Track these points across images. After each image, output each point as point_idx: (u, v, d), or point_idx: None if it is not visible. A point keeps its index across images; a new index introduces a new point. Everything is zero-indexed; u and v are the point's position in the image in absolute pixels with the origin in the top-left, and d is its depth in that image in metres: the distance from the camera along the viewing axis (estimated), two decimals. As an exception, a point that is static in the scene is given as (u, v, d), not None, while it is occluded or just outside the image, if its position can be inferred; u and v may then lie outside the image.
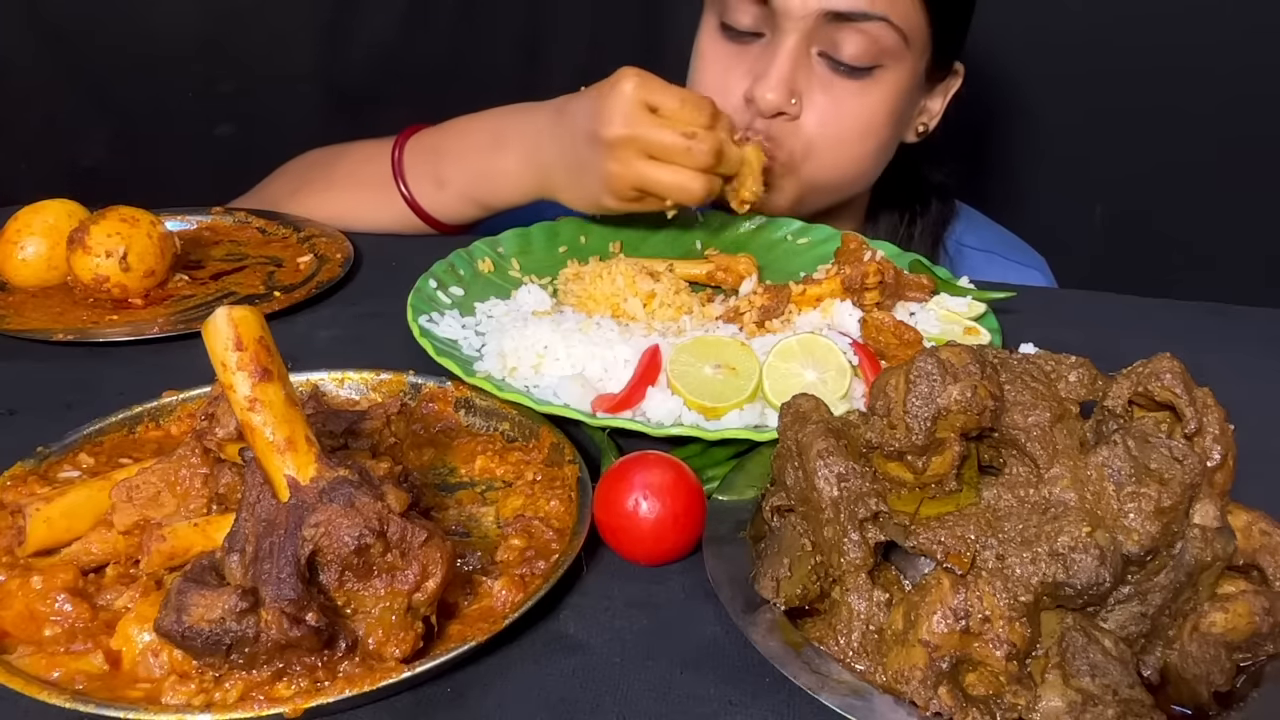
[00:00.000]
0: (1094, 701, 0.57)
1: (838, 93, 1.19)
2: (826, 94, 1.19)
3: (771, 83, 1.16)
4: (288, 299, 1.12)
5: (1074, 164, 1.81)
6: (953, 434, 0.65)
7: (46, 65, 1.71)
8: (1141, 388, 0.69)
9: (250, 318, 0.64)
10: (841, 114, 1.20)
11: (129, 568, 0.71)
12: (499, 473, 0.83)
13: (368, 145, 1.33)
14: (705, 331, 0.99)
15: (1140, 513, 0.60)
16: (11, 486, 0.77)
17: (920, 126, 1.33)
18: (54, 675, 0.62)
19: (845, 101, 1.20)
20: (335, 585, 0.63)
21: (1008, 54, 1.66)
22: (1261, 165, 1.71)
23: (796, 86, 1.18)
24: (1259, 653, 0.63)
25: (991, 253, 1.41)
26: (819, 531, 0.66)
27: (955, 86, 1.33)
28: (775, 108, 1.17)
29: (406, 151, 1.28)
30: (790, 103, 1.18)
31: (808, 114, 1.19)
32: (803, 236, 1.25)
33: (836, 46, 1.17)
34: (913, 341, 0.95)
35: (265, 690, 0.60)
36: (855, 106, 1.20)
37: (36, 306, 1.10)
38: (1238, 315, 1.17)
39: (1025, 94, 1.76)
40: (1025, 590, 0.60)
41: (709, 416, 0.88)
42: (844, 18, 1.15)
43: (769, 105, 1.17)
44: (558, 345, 0.94)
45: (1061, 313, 1.16)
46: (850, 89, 1.19)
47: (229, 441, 0.73)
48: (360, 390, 0.92)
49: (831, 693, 0.60)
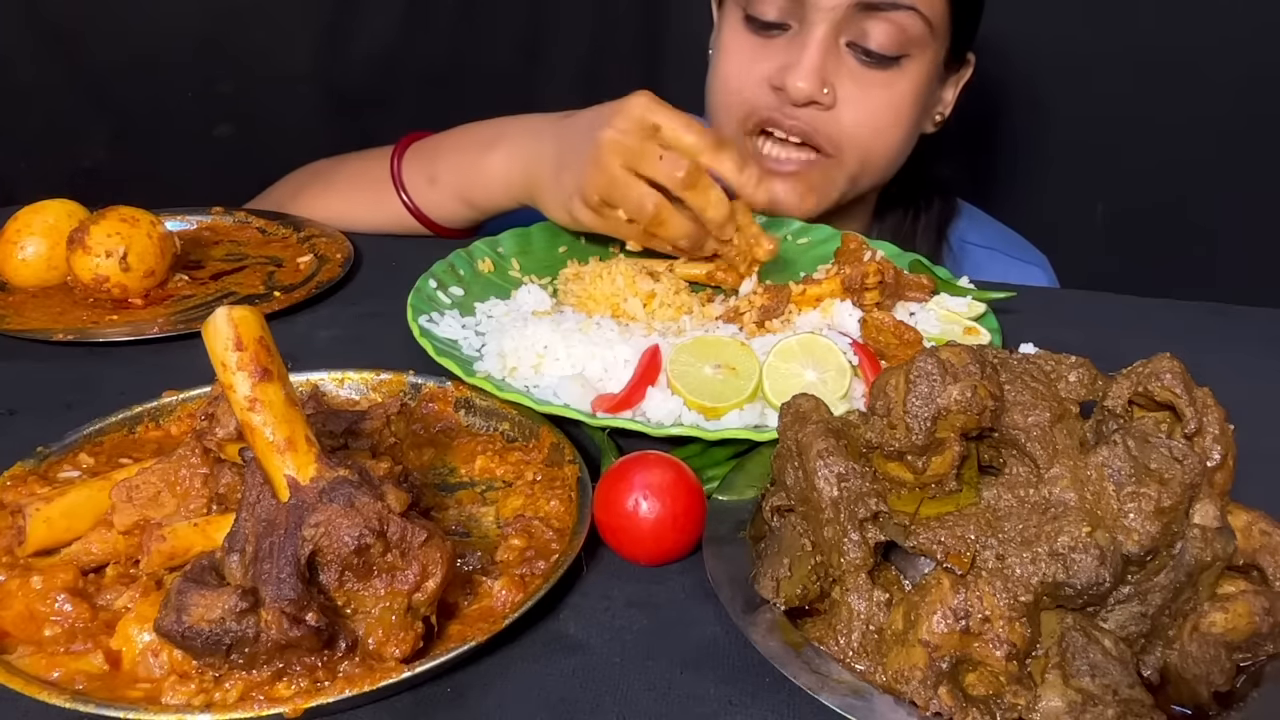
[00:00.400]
0: (1094, 701, 0.57)
1: (867, 82, 1.21)
2: (857, 84, 1.21)
3: (804, 71, 1.17)
4: (288, 299, 1.12)
5: (1076, 162, 1.81)
6: (953, 434, 0.65)
7: (46, 65, 1.71)
8: (1141, 388, 0.69)
9: (250, 318, 0.64)
10: (874, 104, 1.22)
11: (129, 568, 0.71)
12: (499, 473, 0.83)
13: (370, 151, 1.34)
14: (705, 331, 0.99)
15: (1140, 513, 0.60)
16: (11, 486, 0.77)
17: (937, 116, 1.34)
18: (54, 675, 0.62)
19: (875, 91, 1.21)
20: (335, 585, 0.63)
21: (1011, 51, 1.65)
22: (1263, 165, 1.71)
23: (827, 76, 1.19)
24: (1259, 653, 0.63)
25: (994, 249, 1.42)
26: (819, 531, 0.66)
27: (966, 76, 1.34)
28: (808, 96, 1.18)
29: (408, 153, 1.28)
30: (823, 92, 1.18)
31: (842, 105, 1.21)
32: (803, 236, 1.25)
33: (865, 36, 1.18)
34: (913, 341, 0.95)
35: (265, 690, 0.60)
36: (886, 96, 1.22)
37: (36, 306, 1.10)
38: (1238, 315, 1.17)
39: (1028, 92, 1.76)
40: (1025, 590, 0.60)
41: (709, 416, 0.88)
42: (873, 7, 1.17)
43: (802, 94, 1.18)
44: (558, 345, 0.94)
45: (1061, 313, 1.16)
46: (879, 79, 1.21)
47: (229, 441, 0.73)
48: (360, 390, 0.92)
49: (831, 693, 0.60)
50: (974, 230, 1.45)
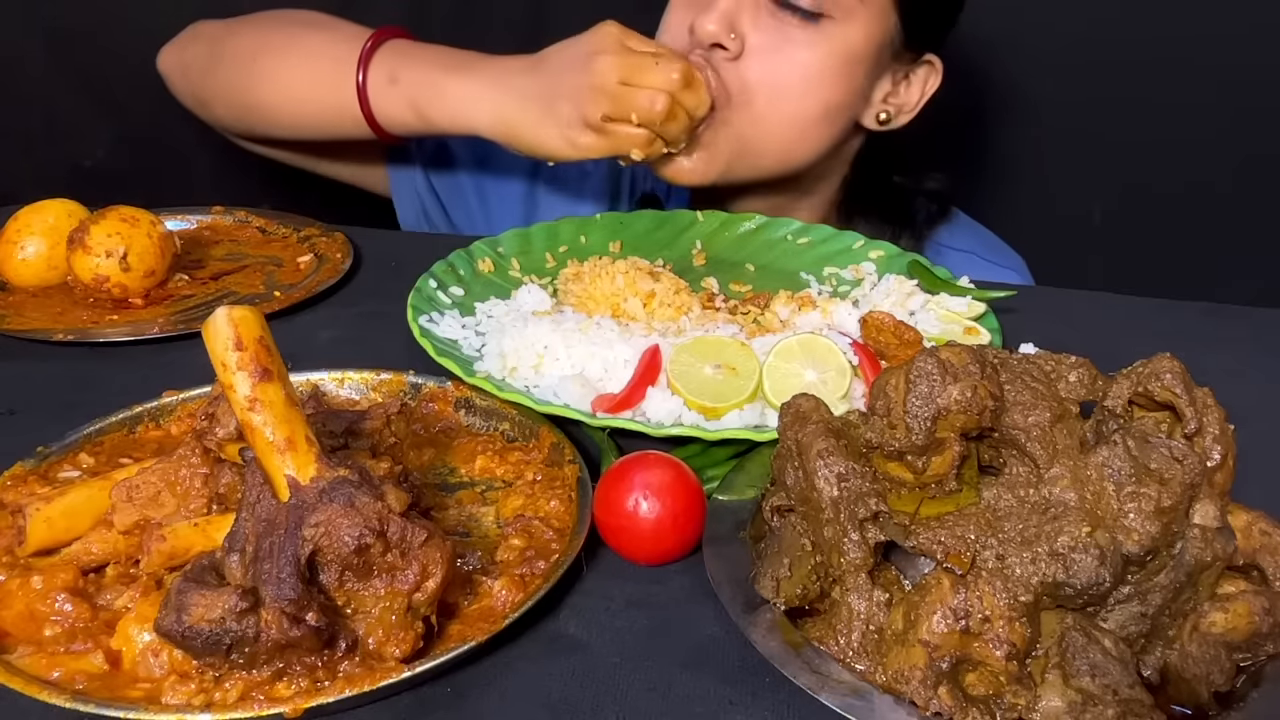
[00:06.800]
0: (1094, 701, 0.57)
1: (782, 39, 1.17)
2: (770, 36, 1.18)
3: (712, 13, 1.16)
4: (288, 299, 1.12)
5: (1071, 165, 1.81)
6: (953, 434, 0.65)
7: (47, 65, 1.71)
8: (1141, 388, 0.69)
9: (250, 318, 0.64)
10: (783, 61, 1.18)
11: (129, 568, 0.71)
12: (499, 473, 0.83)
13: (352, 27, 1.30)
14: (705, 331, 0.99)
15: (1140, 513, 0.60)
16: (11, 486, 0.77)
17: (883, 113, 1.28)
18: (54, 675, 0.62)
19: (788, 49, 1.18)
20: (335, 585, 0.63)
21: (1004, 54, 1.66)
22: (1261, 165, 1.71)
23: (740, 27, 1.17)
24: (1259, 653, 0.63)
25: (970, 253, 1.39)
26: (819, 531, 0.66)
27: (934, 86, 1.29)
28: (713, 38, 1.16)
29: (384, 44, 1.25)
30: (729, 37, 1.17)
31: (749, 54, 1.18)
32: (803, 236, 1.26)
33: None
34: (913, 341, 0.95)
35: (265, 690, 0.60)
36: (799, 56, 1.18)
37: (36, 306, 1.10)
38: (1237, 315, 1.17)
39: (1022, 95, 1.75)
40: (1025, 590, 0.60)
41: (709, 416, 0.88)
42: None
43: (706, 34, 1.16)
44: (558, 345, 0.94)
45: (1061, 313, 1.16)
46: (795, 37, 1.17)
47: (229, 441, 0.73)
48: (360, 390, 0.92)
49: (831, 693, 0.60)
50: (950, 234, 1.41)
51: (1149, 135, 1.74)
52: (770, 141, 1.22)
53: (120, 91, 1.72)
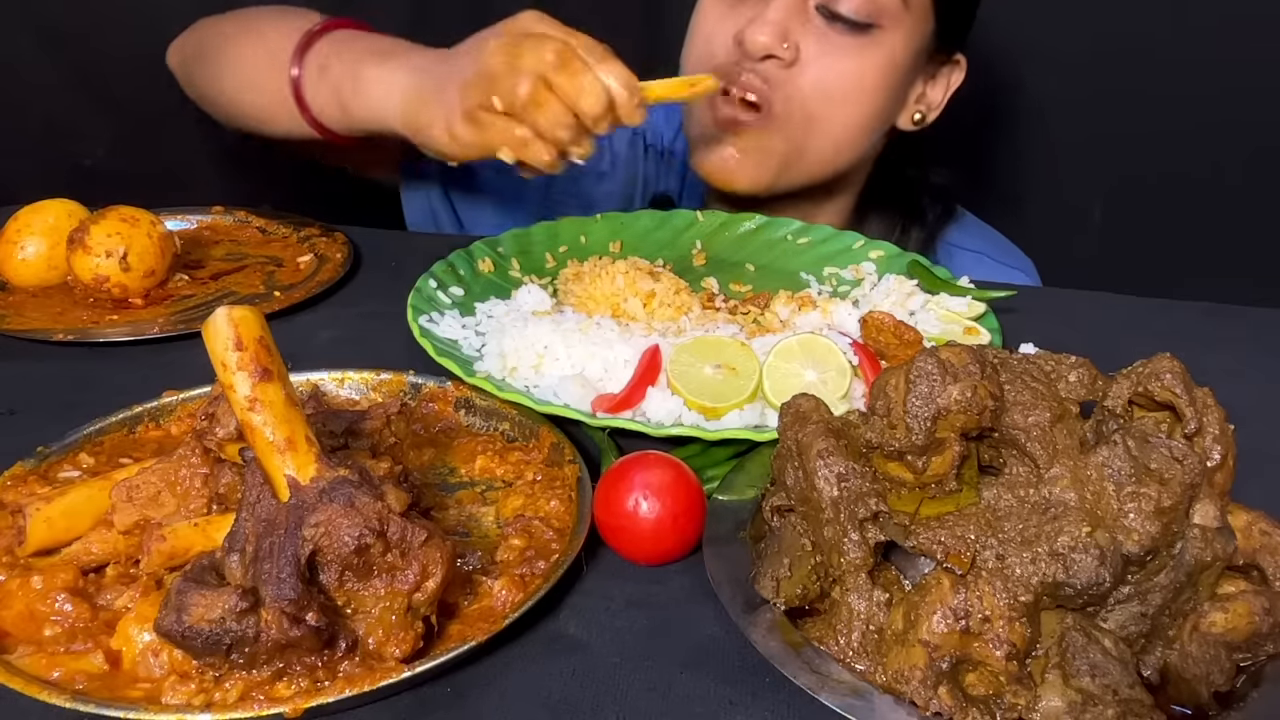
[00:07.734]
0: (1094, 701, 0.57)
1: (832, 47, 1.17)
2: (822, 46, 1.17)
3: (763, 23, 1.15)
4: (288, 299, 1.12)
5: (1073, 165, 1.81)
6: (953, 434, 0.65)
7: (46, 65, 1.71)
8: (1141, 388, 0.69)
9: (250, 318, 0.64)
10: (836, 70, 1.18)
11: (129, 568, 0.71)
12: (499, 473, 0.83)
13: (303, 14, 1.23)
14: (705, 331, 0.99)
15: (1140, 513, 0.60)
16: (11, 486, 0.77)
17: (917, 114, 1.30)
18: (54, 675, 0.62)
19: (840, 58, 1.17)
20: (335, 585, 0.63)
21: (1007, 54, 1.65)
22: (1261, 165, 1.71)
23: (791, 35, 1.16)
24: (1259, 653, 0.63)
25: (981, 254, 1.40)
26: (819, 531, 0.66)
27: (958, 82, 1.31)
28: (765, 48, 1.15)
29: (328, 36, 1.18)
30: (782, 46, 1.15)
31: (803, 64, 1.17)
32: (803, 236, 1.25)
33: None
34: (913, 341, 0.95)
35: (265, 690, 0.60)
36: (850, 65, 1.18)
37: (36, 306, 1.10)
38: (1237, 315, 1.17)
39: (1025, 95, 1.75)
40: (1025, 590, 0.60)
41: (709, 416, 0.88)
42: None
43: (759, 46, 1.15)
44: (558, 345, 0.94)
45: (1061, 313, 1.16)
46: (846, 46, 1.17)
47: (229, 441, 0.73)
48: (360, 390, 0.92)
49: (831, 693, 0.60)
50: (962, 234, 1.42)
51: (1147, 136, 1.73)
52: (822, 150, 1.23)
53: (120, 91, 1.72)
